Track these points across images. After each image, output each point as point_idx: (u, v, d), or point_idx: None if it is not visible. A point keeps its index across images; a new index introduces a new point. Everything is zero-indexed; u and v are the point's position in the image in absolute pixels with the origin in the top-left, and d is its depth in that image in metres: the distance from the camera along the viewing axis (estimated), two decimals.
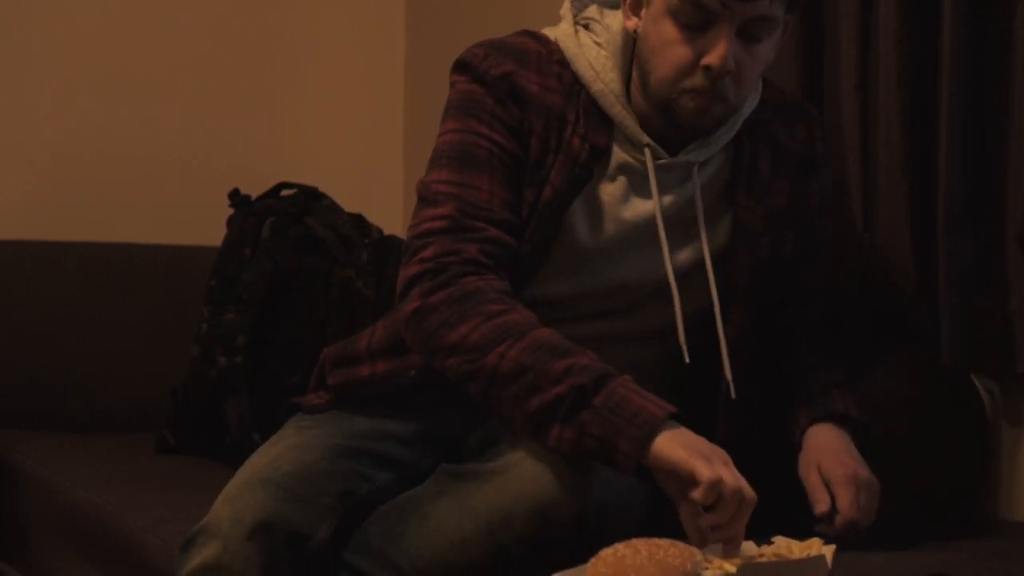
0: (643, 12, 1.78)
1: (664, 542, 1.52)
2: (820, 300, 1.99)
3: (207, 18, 3.37)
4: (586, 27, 1.87)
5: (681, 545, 1.52)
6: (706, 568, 1.54)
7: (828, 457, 1.79)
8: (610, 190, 1.81)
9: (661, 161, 1.81)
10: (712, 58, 1.71)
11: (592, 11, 1.88)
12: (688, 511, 1.58)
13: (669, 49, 1.74)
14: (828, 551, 1.58)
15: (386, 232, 2.95)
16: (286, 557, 1.70)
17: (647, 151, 1.80)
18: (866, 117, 2.15)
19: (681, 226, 1.83)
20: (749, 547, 1.62)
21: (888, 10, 2.09)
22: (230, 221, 2.88)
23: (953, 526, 1.95)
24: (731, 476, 1.56)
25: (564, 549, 1.61)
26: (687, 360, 1.79)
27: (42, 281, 3.01)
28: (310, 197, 2.88)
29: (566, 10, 1.89)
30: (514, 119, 1.78)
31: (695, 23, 1.71)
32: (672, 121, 1.78)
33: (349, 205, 2.94)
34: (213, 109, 3.36)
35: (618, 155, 1.81)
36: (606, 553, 1.51)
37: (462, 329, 1.67)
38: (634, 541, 1.52)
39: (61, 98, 3.23)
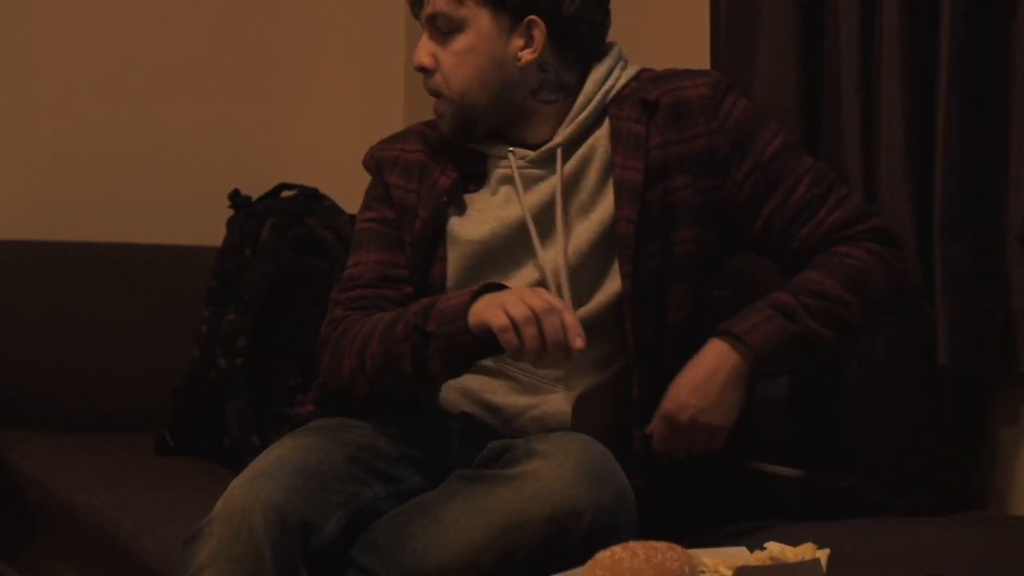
0: None
1: (661, 545, 1.53)
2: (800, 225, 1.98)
3: (207, 18, 3.37)
4: None
5: (678, 549, 1.53)
6: (703, 572, 1.54)
7: (675, 387, 1.86)
8: (494, 200, 1.98)
9: (526, 157, 1.97)
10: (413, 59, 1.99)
11: None
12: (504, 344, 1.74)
13: None
14: (823, 555, 1.58)
15: None
16: (297, 546, 1.71)
17: (510, 154, 1.98)
18: (867, 118, 2.15)
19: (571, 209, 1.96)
20: (741, 552, 1.62)
21: (889, 11, 2.09)
22: (230, 222, 2.88)
23: (952, 525, 1.95)
24: (520, 306, 1.71)
25: (571, 559, 1.62)
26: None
27: (42, 281, 3.01)
28: (310, 198, 2.88)
29: None
30: (380, 186, 2.06)
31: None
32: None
33: (349, 206, 2.93)
34: (213, 109, 3.36)
35: (496, 173, 1.99)
36: (603, 556, 1.51)
37: (344, 363, 1.92)
38: (631, 544, 1.52)
39: (61, 98, 3.23)
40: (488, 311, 1.75)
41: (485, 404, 1.95)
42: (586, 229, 1.95)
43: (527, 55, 1.96)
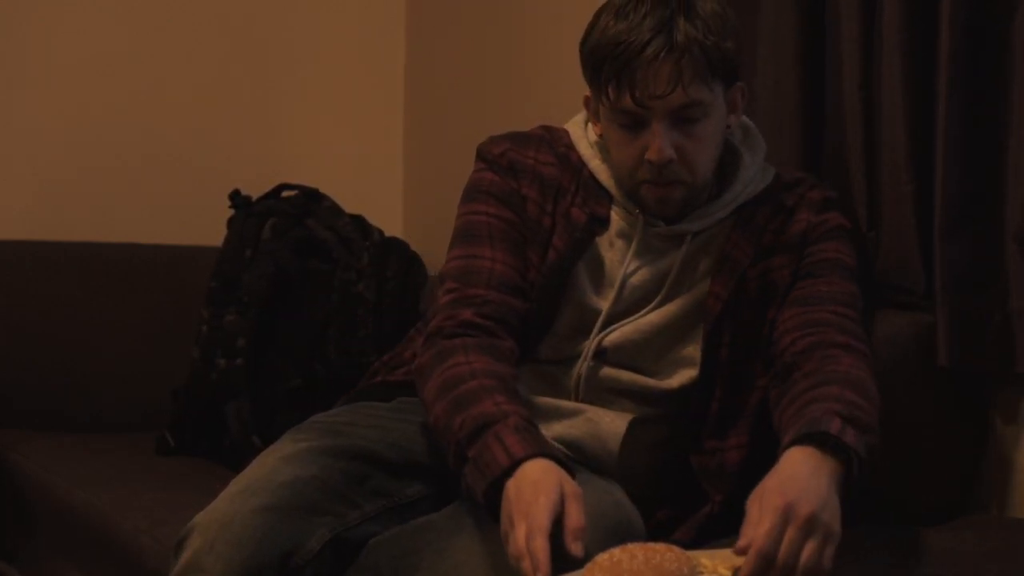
0: (598, 116, 1.96)
1: (660, 547, 1.52)
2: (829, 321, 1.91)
3: (208, 18, 3.37)
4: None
5: (677, 550, 1.52)
6: (701, 573, 1.54)
7: (773, 484, 1.59)
8: (611, 256, 1.96)
9: (655, 229, 1.95)
10: (651, 154, 1.87)
11: None
12: None
13: (618, 150, 1.93)
14: None
15: (387, 234, 2.95)
16: (272, 565, 1.70)
17: (639, 218, 1.94)
18: (870, 117, 2.15)
19: (679, 286, 1.96)
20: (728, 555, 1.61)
21: (891, 10, 2.09)
22: (231, 222, 2.88)
23: (951, 526, 1.95)
24: (513, 544, 1.59)
25: None
26: None
27: (42, 281, 3.01)
28: (311, 198, 2.89)
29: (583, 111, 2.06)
30: (510, 188, 1.98)
31: (631, 124, 1.88)
32: (646, 211, 1.94)
33: (349, 206, 2.94)
34: (214, 110, 3.36)
35: (617, 223, 1.97)
36: (602, 558, 1.51)
37: (428, 385, 1.84)
38: (630, 546, 1.52)
39: (61, 98, 3.23)
40: (504, 518, 1.64)
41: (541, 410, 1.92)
42: (680, 306, 1.94)
43: (733, 121, 1.96)
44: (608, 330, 1.94)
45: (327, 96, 3.49)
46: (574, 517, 1.60)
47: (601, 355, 1.93)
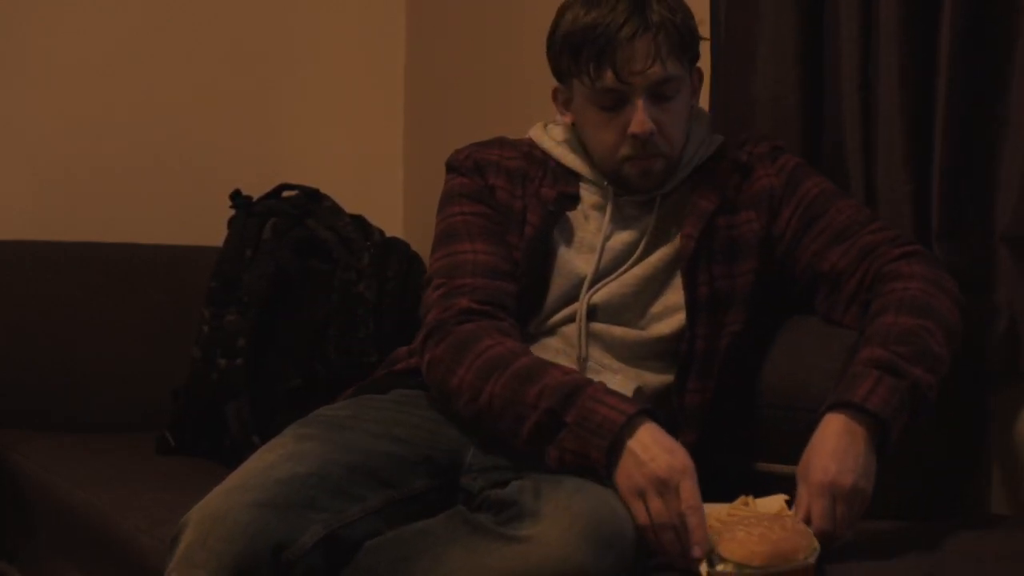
0: (571, 105, 2.07)
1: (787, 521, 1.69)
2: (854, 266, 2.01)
3: (208, 19, 3.37)
4: (553, 123, 2.17)
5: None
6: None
7: (816, 459, 1.76)
8: (587, 227, 2.06)
9: (625, 197, 2.05)
10: (634, 127, 1.97)
11: (557, 117, 2.16)
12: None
13: (598, 132, 2.03)
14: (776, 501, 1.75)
15: (387, 234, 2.95)
16: (264, 560, 1.71)
17: (609, 189, 2.05)
18: (868, 118, 2.15)
19: (656, 243, 2.05)
20: (722, 507, 1.75)
21: (889, 10, 2.09)
22: (231, 222, 2.88)
23: (951, 525, 1.95)
24: (661, 509, 1.70)
25: None
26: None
27: (42, 281, 3.00)
28: (311, 198, 2.88)
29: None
30: (478, 185, 2.09)
31: (610, 104, 1.98)
32: (629, 187, 2.04)
33: (349, 206, 2.94)
34: (214, 110, 3.36)
35: (588, 198, 2.07)
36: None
37: (459, 372, 1.88)
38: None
39: (61, 98, 3.23)
40: (629, 487, 1.73)
41: None
42: (658, 257, 2.04)
43: (696, 101, 2.10)
44: (594, 289, 2.01)
45: (327, 96, 3.50)
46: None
47: (592, 314, 2.01)
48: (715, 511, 1.75)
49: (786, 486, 1.80)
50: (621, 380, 1.97)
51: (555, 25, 2.03)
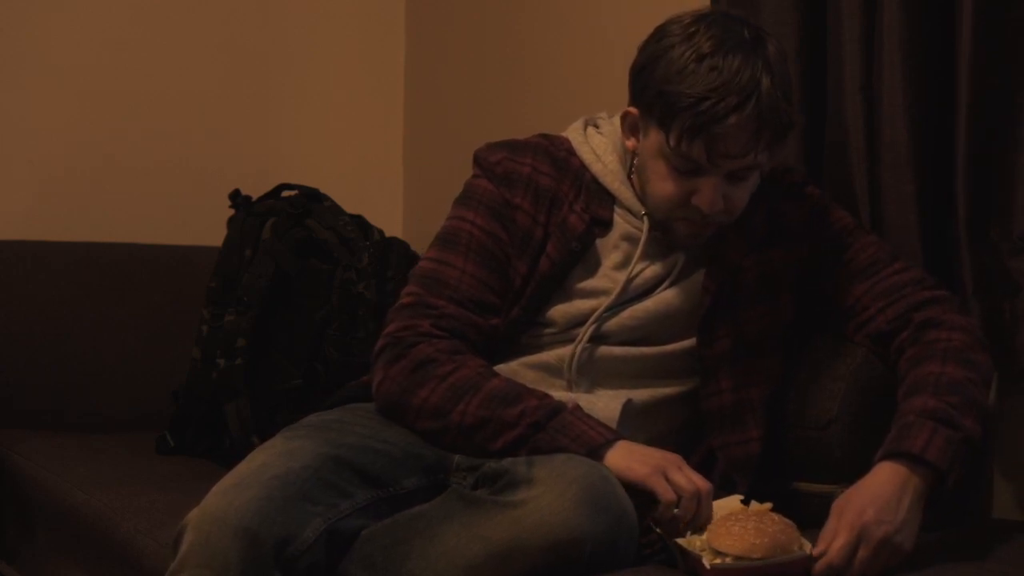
0: (640, 136, 1.95)
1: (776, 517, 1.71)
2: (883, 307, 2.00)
3: (208, 18, 3.37)
4: (595, 126, 2.08)
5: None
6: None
7: (856, 499, 1.73)
8: (614, 257, 1.99)
9: (659, 233, 1.98)
10: (702, 203, 1.89)
11: (602, 114, 2.10)
12: (660, 513, 1.76)
13: (661, 185, 1.92)
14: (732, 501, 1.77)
15: (387, 234, 2.94)
16: (268, 556, 1.71)
17: (644, 220, 1.98)
18: (871, 118, 2.15)
19: (678, 280, 2.00)
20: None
21: (892, 10, 2.09)
22: (231, 222, 2.87)
23: (951, 526, 1.95)
24: (685, 480, 1.75)
25: None
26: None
27: (42, 281, 3.00)
28: (311, 198, 2.88)
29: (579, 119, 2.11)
30: (503, 199, 2.01)
31: (686, 169, 1.89)
32: (671, 239, 1.97)
33: (349, 206, 2.94)
34: (214, 110, 3.36)
35: (620, 225, 2.00)
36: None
37: (421, 394, 1.90)
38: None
39: (62, 98, 3.23)
40: (644, 465, 1.77)
41: None
42: (681, 293, 2.00)
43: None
44: (605, 317, 1.98)
45: (327, 96, 3.49)
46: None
47: (596, 339, 1.98)
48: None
49: (785, 501, 1.80)
50: (609, 399, 1.95)
51: (654, 57, 1.88)
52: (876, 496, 1.72)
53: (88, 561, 2.41)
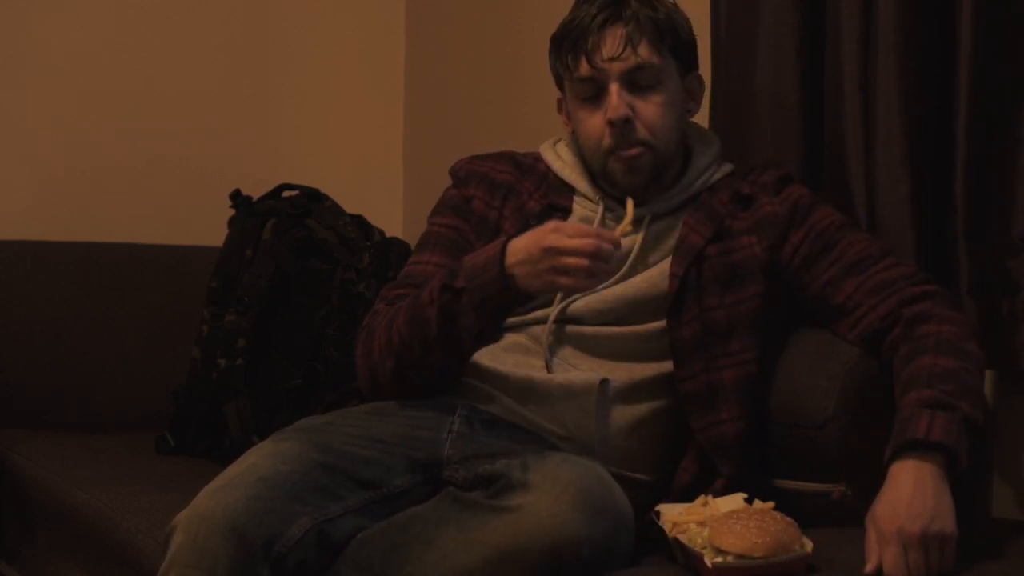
0: (565, 106, 2.12)
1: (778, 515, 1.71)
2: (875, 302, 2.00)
3: (208, 18, 3.37)
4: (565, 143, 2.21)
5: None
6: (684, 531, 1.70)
7: (882, 508, 1.72)
8: None
9: (615, 213, 2.06)
10: (608, 112, 2.01)
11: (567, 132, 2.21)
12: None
13: (583, 125, 2.07)
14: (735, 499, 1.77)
15: (387, 234, 2.94)
16: (256, 555, 1.72)
17: (600, 204, 2.07)
18: (868, 118, 2.15)
19: (641, 263, 2.07)
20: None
21: (888, 11, 2.09)
22: (231, 222, 2.88)
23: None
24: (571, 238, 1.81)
25: None
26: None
27: (42, 281, 3.00)
28: (311, 198, 2.88)
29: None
30: (460, 198, 2.15)
31: (591, 94, 2.04)
32: (617, 187, 2.06)
33: (349, 206, 2.94)
34: (214, 110, 3.36)
35: (579, 212, 2.09)
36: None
37: (375, 344, 2.00)
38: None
39: (62, 98, 3.23)
40: (528, 236, 1.85)
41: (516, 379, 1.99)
42: (644, 280, 2.04)
43: (694, 109, 2.13)
44: (571, 300, 2.03)
45: (327, 96, 3.50)
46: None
47: (567, 320, 2.02)
48: (671, 511, 1.78)
49: (783, 500, 1.80)
50: (587, 378, 1.96)
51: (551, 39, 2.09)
52: (899, 498, 1.72)
53: (88, 561, 2.41)
